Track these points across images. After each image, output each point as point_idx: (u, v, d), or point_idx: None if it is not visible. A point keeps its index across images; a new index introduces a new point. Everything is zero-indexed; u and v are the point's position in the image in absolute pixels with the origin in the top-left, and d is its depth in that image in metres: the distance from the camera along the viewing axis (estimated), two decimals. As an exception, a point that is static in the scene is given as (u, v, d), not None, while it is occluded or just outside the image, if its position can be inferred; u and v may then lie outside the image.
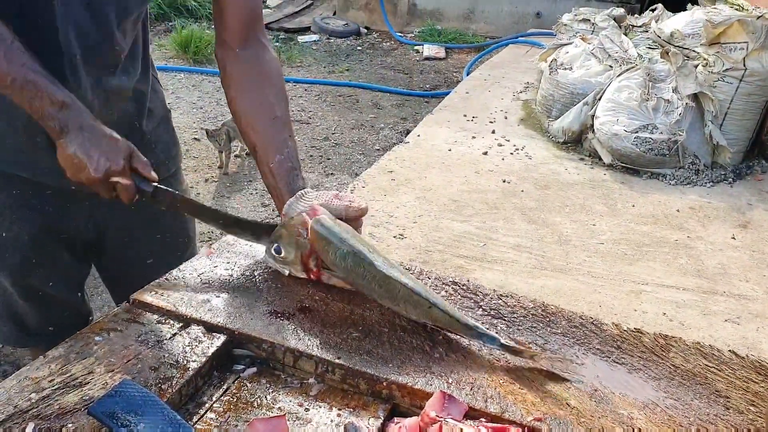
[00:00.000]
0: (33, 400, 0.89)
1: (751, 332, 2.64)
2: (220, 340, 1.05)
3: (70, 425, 0.86)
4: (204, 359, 1.00)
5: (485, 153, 4.23)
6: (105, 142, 1.14)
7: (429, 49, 7.49)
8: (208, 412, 0.95)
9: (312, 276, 1.21)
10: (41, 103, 1.11)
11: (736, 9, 4.19)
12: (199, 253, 1.36)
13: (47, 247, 1.45)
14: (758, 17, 3.99)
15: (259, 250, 1.32)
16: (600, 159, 4.20)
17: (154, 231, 1.55)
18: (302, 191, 1.25)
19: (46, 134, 1.17)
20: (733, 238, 3.41)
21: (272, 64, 1.37)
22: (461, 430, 0.86)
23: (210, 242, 1.56)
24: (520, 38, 7.41)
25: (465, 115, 4.80)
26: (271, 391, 1.00)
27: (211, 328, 1.08)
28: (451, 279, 1.29)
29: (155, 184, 1.19)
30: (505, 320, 1.18)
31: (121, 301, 1.17)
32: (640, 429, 0.93)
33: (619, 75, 4.22)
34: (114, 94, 1.35)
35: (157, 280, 1.20)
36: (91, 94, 1.29)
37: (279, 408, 0.96)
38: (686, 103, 3.92)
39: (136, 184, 1.18)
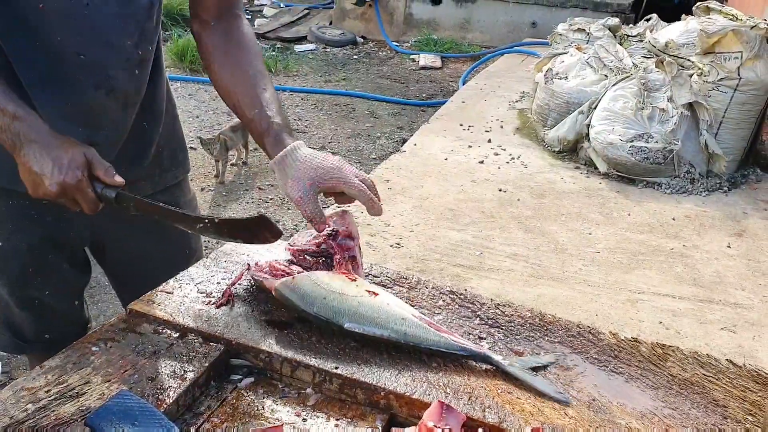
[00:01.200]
0: (29, 411, 0.89)
1: (747, 341, 2.64)
2: (217, 350, 1.05)
3: (66, 436, 0.85)
4: (201, 369, 1.00)
5: (481, 162, 4.24)
6: (59, 153, 1.08)
7: (425, 59, 7.51)
8: (205, 423, 0.94)
9: None
10: None
11: (730, 19, 4.22)
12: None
13: (46, 257, 1.44)
14: (752, 27, 4.02)
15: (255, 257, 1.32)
16: (596, 168, 4.21)
17: (156, 240, 1.53)
18: (282, 155, 1.20)
19: None
20: (729, 246, 3.42)
21: (246, 30, 1.37)
22: (459, 440, 0.86)
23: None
24: (515, 48, 7.44)
25: (461, 124, 4.82)
26: (268, 401, 1.00)
27: (208, 338, 1.07)
28: (448, 288, 1.29)
29: (119, 190, 1.14)
30: (502, 329, 1.18)
31: (127, 303, 1.16)
32: (638, 438, 0.93)
33: (614, 84, 4.24)
34: (127, 99, 1.34)
35: (154, 290, 1.20)
36: (103, 100, 1.28)
37: (276, 418, 0.96)
38: (681, 112, 3.94)
39: (97, 192, 1.12)
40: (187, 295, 1.19)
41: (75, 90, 1.21)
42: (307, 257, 1.27)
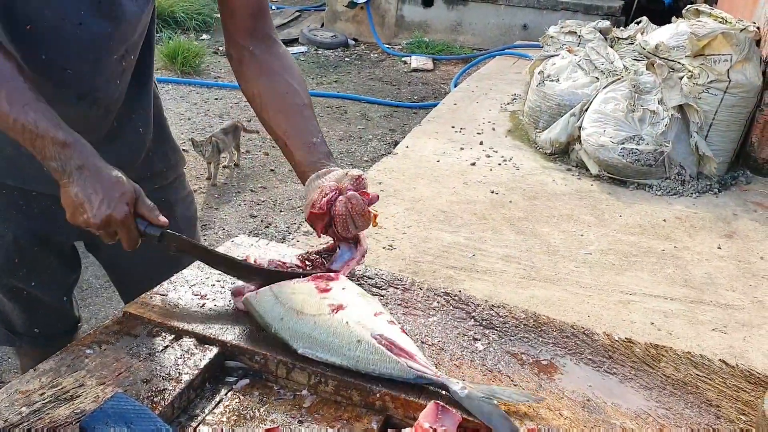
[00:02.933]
0: (24, 414, 0.88)
1: (738, 341, 2.66)
2: (212, 352, 1.05)
3: (61, 439, 0.85)
4: (196, 371, 1.00)
5: (473, 164, 4.25)
6: (108, 185, 1.08)
7: (417, 61, 7.53)
8: (200, 425, 0.94)
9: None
10: (42, 144, 1.07)
11: (720, 22, 4.25)
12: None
13: (31, 250, 1.43)
14: (741, 30, 4.05)
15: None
16: (587, 170, 4.23)
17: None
18: (318, 173, 1.23)
19: None
20: (719, 248, 3.44)
21: (287, 56, 1.38)
22: (455, 441, 0.86)
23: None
24: (507, 50, 7.47)
25: (453, 127, 4.83)
26: (264, 403, 1.00)
27: (203, 340, 1.07)
28: (443, 290, 1.30)
29: (163, 230, 1.13)
30: (497, 330, 1.18)
31: (128, 300, 1.15)
32: (632, 438, 0.94)
33: (605, 87, 4.26)
34: (108, 106, 1.34)
35: (148, 292, 1.19)
36: (85, 109, 1.28)
37: (272, 420, 0.96)
38: (672, 115, 3.97)
39: (141, 230, 1.12)
40: (181, 297, 1.18)
41: (58, 100, 1.19)
42: (311, 260, 1.26)
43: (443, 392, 0.99)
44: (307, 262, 1.26)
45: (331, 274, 1.17)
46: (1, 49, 1.09)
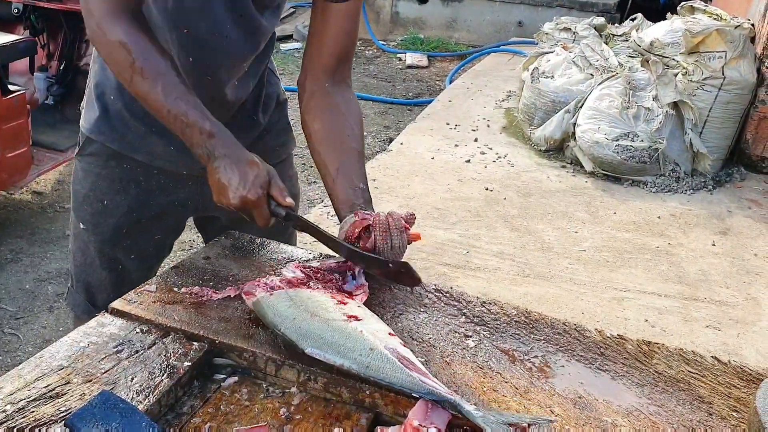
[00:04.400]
0: (8, 412, 0.87)
1: (731, 338, 2.66)
2: (200, 349, 1.04)
3: (46, 437, 0.84)
4: (184, 369, 0.99)
5: (468, 161, 4.24)
6: (245, 170, 1.20)
7: (412, 58, 7.51)
8: (188, 423, 0.93)
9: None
10: (191, 132, 1.20)
11: (715, 18, 4.25)
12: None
13: (140, 221, 1.52)
14: (736, 27, 4.05)
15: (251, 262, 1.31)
16: (582, 167, 4.22)
17: None
18: (360, 213, 1.29)
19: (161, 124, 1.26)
20: (714, 244, 3.44)
21: (355, 102, 1.46)
22: (445, 438, 0.86)
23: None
24: (502, 47, 7.46)
25: (448, 124, 4.82)
26: (252, 400, 0.99)
27: (191, 337, 1.06)
28: (434, 286, 1.29)
29: (288, 210, 1.24)
30: (488, 327, 1.17)
31: None
32: (624, 436, 0.93)
33: (600, 83, 4.26)
34: (233, 105, 1.47)
35: (136, 289, 1.18)
36: (215, 108, 1.33)
37: (260, 417, 0.95)
38: (666, 111, 3.97)
39: (271, 209, 1.23)
40: (169, 294, 1.17)
41: None
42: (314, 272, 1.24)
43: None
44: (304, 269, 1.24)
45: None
46: (160, 48, 1.22)
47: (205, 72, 1.36)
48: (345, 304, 1.10)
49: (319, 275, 1.23)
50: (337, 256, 1.30)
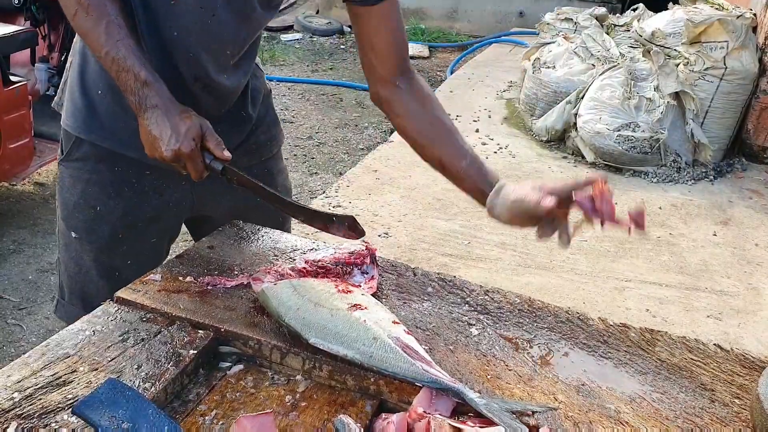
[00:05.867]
0: (15, 400, 0.88)
1: (732, 328, 2.67)
2: (206, 337, 1.04)
3: (53, 424, 0.85)
4: (190, 357, 0.99)
5: (469, 151, 4.24)
6: (177, 121, 1.17)
7: (413, 48, 7.49)
8: (194, 410, 0.94)
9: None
10: (126, 77, 1.16)
11: (717, 8, 4.23)
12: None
13: (136, 225, 1.47)
14: (738, 17, 4.04)
15: (248, 248, 1.32)
16: (583, 157, 4.22)
17: (252, 210, 1.54)
18: (498, 185, 1.31)
19: None
20: (715, 234, 3.45)
21: (426, 86, 1.44)
22: (449, 425, 0.86)
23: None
24: (503, 37, 7.44)
25: (449, 114, 4.81)
26: (258, 388, 0.99)
27: (196, 326, 1.07)
28: (437, 275, 1.29)
29: (225, 164, 1.21)
30: (491, 316, 1.18)
31: None
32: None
33: (601, 74, 4.25)
34: (220, 94, 1.41)
35: (141, 278, 1.19)
36: (200, 93, 1.33)
37: (266, 405, 0.95)
38: (668, 102, 3.96)
39: (206, 162, 1.20)
40: (175, 283, 1.18)
41: (176, 77, 1.29)
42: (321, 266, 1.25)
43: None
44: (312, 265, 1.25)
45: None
46: None
47: (188, 47, 1.30)
48: (350, 292, 1.11)
49: (328, 270, 1.24)
50: (342, 247, 1.30)
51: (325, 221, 1.27)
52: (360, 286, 1.18)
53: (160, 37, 1.27)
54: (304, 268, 1.22)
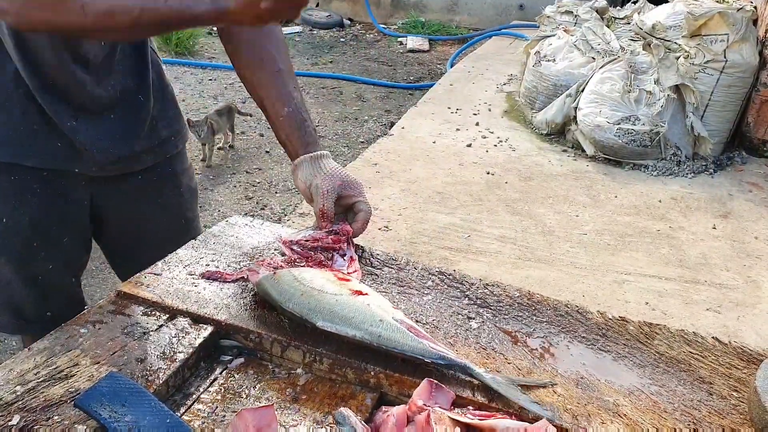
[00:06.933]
0: (18, 393, 0.88)
1: (731, 321, 2.68)
2: (207, 330, 1.05)
3: (56, 417, 0.85)
4: (191, 350, 1.00)
5: (469, 145, 4.24)
6: None
7: (413, 41, 7.48)
8: (195, 403, 0.94)
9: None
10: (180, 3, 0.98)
11: (717, 1, 4.22)
12: (202, 234, 1.36)
13: (48, 231, 1.44)
14: (738, 9, 4.03)
15: (246, 242, 1.32)
16: (583, 150, 4.22)
17: (153, 210, 1.53)
18: (318, 155, 1.30)
19: (43, 118, 1.24)
20: (714, 228, 3.45)
21: (275, 28, 1.38)
22: (449, 418, 0.87)
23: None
24: (503, 30, 7.43)
25: (449, 108, 4.81)
26: (258, 381, 1.00)
27: (197, 319, 1.07)
28: (437, 269, 1.30)
29: None
30: (491, 309, 1.18)
31: (125, 277, 1.17)
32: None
33: (601, 67, 4.25)
34: (99, 71, 1.33)
35: (142, 272, 1.19)
36: (86, 73, 1.29)
37: (267, 398, 0.96)
38: (668, 95, 3.96)
39: None
40: (176, 277, 1.18)
41: (53, 47, 1.24)
42: (300, 249, 1.26)
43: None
44: (294, 247, 1.26)
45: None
46: None
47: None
48: (348, 281, 1.13)
49: (308, 255, 1.26)
50: (308, 233, 1.32)
51: None
52: (346, 271, 1.21)
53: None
54: (293, 255, 1.24)
